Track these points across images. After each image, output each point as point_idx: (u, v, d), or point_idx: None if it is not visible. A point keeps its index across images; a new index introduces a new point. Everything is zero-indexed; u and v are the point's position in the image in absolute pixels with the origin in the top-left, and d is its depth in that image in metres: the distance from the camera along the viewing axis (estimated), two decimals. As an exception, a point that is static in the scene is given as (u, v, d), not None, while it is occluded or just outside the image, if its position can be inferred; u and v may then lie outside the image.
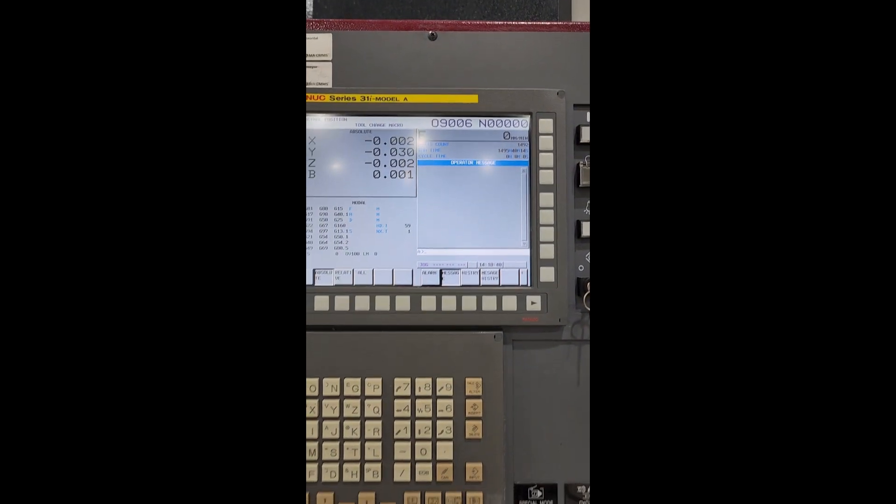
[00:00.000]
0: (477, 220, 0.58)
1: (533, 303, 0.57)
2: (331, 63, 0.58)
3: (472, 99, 0.58)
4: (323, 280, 0.58)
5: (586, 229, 0.58)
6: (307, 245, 0.57)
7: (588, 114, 0.59)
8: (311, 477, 0.56)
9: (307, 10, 0.70)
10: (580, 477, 0.59)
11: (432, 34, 0.59)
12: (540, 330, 0.58)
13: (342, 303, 0.56)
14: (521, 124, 0.58)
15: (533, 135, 0.58)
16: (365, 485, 0.56)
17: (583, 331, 0.59)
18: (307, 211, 0.58)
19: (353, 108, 0.58)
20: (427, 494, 0.56)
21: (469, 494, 0.56)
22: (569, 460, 0.59)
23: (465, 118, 0.58)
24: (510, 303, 0.57)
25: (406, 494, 0.56)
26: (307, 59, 0.58)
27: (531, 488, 0.59)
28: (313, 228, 0.58)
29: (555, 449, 0.59)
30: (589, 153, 0.59)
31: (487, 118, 0.58)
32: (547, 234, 0.57)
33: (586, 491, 0.59)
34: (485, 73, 0.59)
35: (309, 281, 0.57)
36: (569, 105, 0.58)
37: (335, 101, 0.58)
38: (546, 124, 0.57)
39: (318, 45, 0.58)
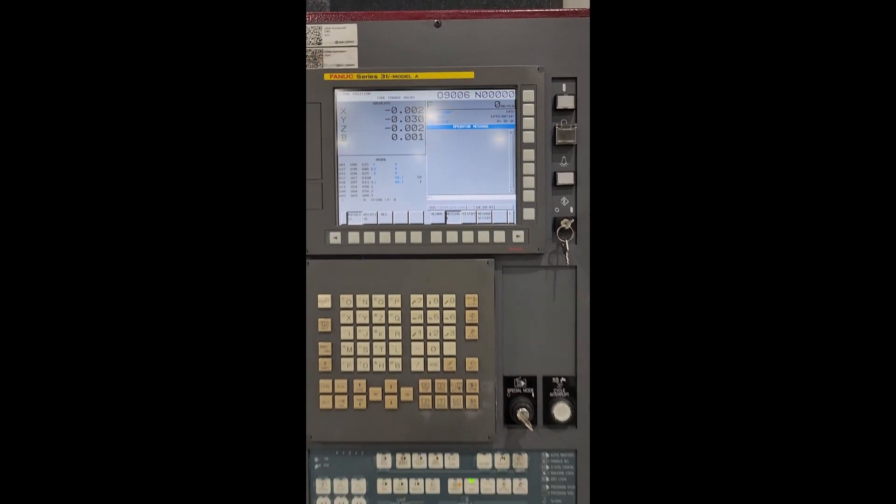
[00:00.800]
0: (474, 172, 0.71)
1: (517, 236, 0.70)
2: (356, 48, 0.70)
3: (469, 75, 0.69)
4: (354, 220, 0.72)
5: (561, 179, 0.70)
6: (341, 193, 0.71)
7: (563, 84, 0.70)
8: (347, 367, 0.72)
9: (325, 3, 0.82)
10: (555, 371, 0.73)
11: (437, 22, 0.70)
12: (523, 258, 0.71)
13: (369, 237, 0.71)
14: (509, 95, 0.70)
15: (518, 103, 0.69)
16: (389, 374, 0.72)
17: (557, 259, 0.72)
18: (340, 167, 0.71)
19: (375, 84, 0.70)
20: (436, 381, 0.72)
21: (468, 381, 0.72)
22: (546, 358, 0.73)
23: (463, 91, 0.70)
24: (500, 236, 0.70)
25: (420, 380, 0.72)
26: (337, 45, 0.71)
27: (516, 379, 0.73)
28: (346, 180, 0.71)
29: (535, 349, 0.72)
30: (564, 117, 0.70)
31: (482, 90, 0.70)
32: (529, 182, 0.70)
33: (559, 381, 0.73)
34: (480, 53, 0.70)
35: (342, 221, 0.71)
36: (547, 78, 0.69)
37: (360, 79, 0.70)
38: (528, 95, 0.69)
39: (346, 33, 0.70)
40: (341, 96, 0.71)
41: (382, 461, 0.74)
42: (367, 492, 0.74)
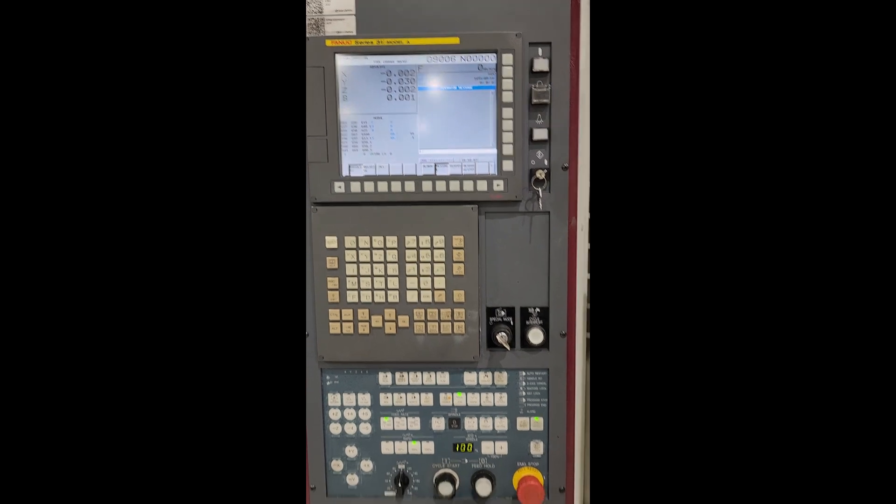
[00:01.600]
0: (460, 129, 0.78)
1: (498, 185, 0.78)
2: (354, 17, 0.76)
3: (455, 41, 0.75)
4: (355, 172, 0.79)
5: (536, 134, 0.77)
6: (343, 148, 0.79)
7: (539, 49, 0.76)
8: (353, 299, 0.81)
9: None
10: (530, 302, 0.82)
11: (427, -8, 0.75)
12: (503, 204, 0.79)
13: (369, 187, 0.78)
14: (490, 59, 0.76)
15: (498, 66, 0.75)
16: (388, 304, 0.81)
17: (533, 205, 0.79)
18: (342, 125, 0.78)
19: (371, 49, 0.76)
20: (428, 310, 0.81)
21: (455, 310, 0.81)
22: (523, 291, 0.81)
23: (450, 55, 0.76)
24: (482, 185, 0.78)
25: (414, 310, 0.81)
26: (337, 13, 0.76)
27: (497, 309, 0.82)
28: (347, 136, 0.79)
29: (513, 284, 0.81)
30: (539, 79, 0.76)
31: (466, 55, 0.76)
32: (508, 137, 0.77)
33: (535, 311, 0.82)
34: (466, 20, 0.76)
35: (345, 173, 0.79)
36: (525, 43, 0.75)
37: (358, 44, 0.76)
38: (507, 58, 0.75)
39: (345, 2, 0.76)
40: (342, 61, 0.77)
41: (384, 378, 0.84)
42: (371, 404, 0.85)
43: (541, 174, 0.77)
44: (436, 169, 0.78)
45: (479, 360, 0.82)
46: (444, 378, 0.84)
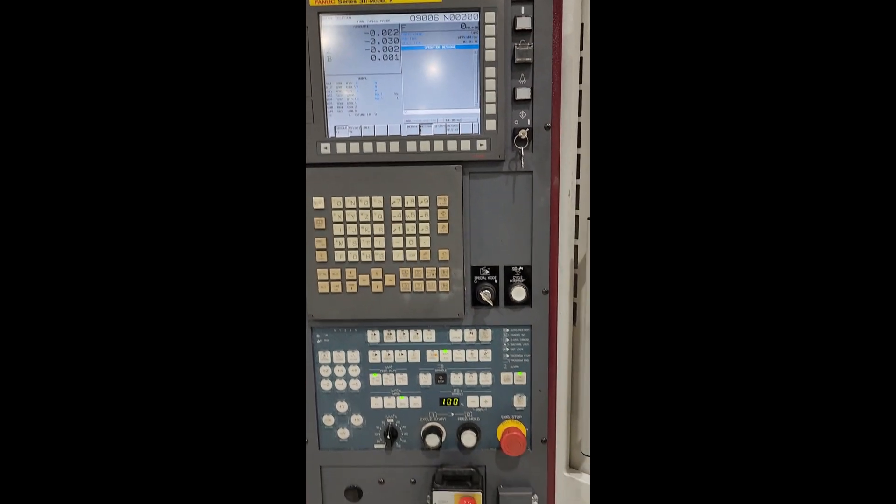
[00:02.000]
0: (443, 89, 0.78)
1: (481, 145, 0.78)
2: (337, -25, 0.75)
3: (438, 0, 0.74)
4: (341, 133, 0.79)
5: (519, 94, 0.77)
6: (329, 109, 0.78)
7: (522, 7, 0.75)
8: (340, 258, 0.82)
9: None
10: (514, 261, 0.83)
11: (408, -51, 0.74)
12: (486, 164, 0.79)
13: (354, 147, 0.78)
14: (473, 18, 0.75)
15: (481, 24, 0.75)
16: (375, 263, 0.82)
17: (516, 165, 0.80)
18: (327, 86, 0.78)
19: (355, 8, 0.75)
20: (414, 269, 0.82)
21: (441, 269, 0.82)
22: (506, 251, 0.82)
23: (433, 14, 0.75)
24: (466, 145, 0.78)
25: (400, 269, 0.82)
26: (320, -29, 0.75)
27: (481, 268, 0.83)
28: (332, 97, 0.78)
29: (497, 243, 0.82)
30: (522, 38, 0.76)
31: (449, 13, 0.75)
32: (491, 97, 0.77)
33: (518, 270, 0.84)
34: None
35: (331, 134, 0.79)
36: (507, 2, 0.74)
37: (342, 3, 0.75)
38: (490, 16, 0.74)
39: (328, -40, 0.75)
40: (326, 21, 0.76)
41: (372, 336, 0.86)
42: (361, 361, 0.86)
43: (523, 134, 0.77)
44: (420, 129, 0.78)
45: (464, 317, 0.83)
46: (430, 335, 0.85)
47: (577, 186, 0.99)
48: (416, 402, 0.87)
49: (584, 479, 1.05)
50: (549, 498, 0.89)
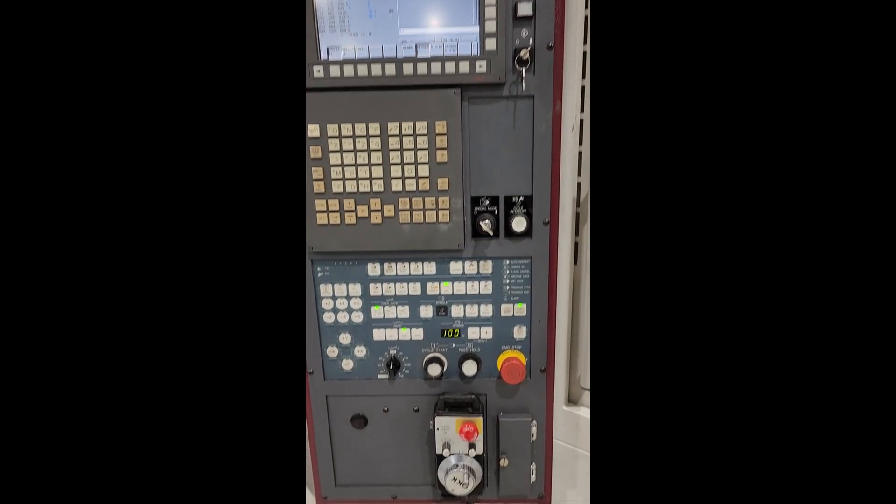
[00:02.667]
0: (441, 5, 0.72)
1: (480, 66, 0.73)
2: None
3: None
4: (334, 55, 0.74)
5: (521, 10, 0.71)
6: (321, 28, 0.73)
7: (524, -89, 0.68)
8: (338, 189, 0.79)
9: None
10: (514, 191, 0.79)
11: None
12: (486, 88, 0.74)
13: (349, 70, 0.74)
14: (471, -77, 0.68)
15: (480, -68, 0.68)
16: (373, 193, 0.79)
17: (517, 89, 0.75)
18: (318, 4, 0.72)
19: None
20: (413, 199, 0.79)
21: (440, 199, 0.79)
22: (507, 180, 0.79)
23: (429, -80, 0.69)
24: (465, 66, 0.73)
25: (399, 199, 0.79)
26: None
27: (482, 198, 0.80)
28: (324, 16, 0.73)
29: (497, 173, 0.78)
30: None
31: (446, -81, 0.68)
32: (490, 13, 0.71)
33: (518, 200, 0.80)
34: None
35: (323, 56, 0.74)
36: None
37: None
38: (490, -78, 0.67)
39: None
40: (314, -69, 0.69)
41: (373, 269, 0.84)
42: (362, 294, 0.85)
43: (525, 54, 0.71)
44: (416, 50, 0.73)
45: (465, 249, 0.81)
46: (430, 268, 0.83)
47: (581, 121, 0.94)
48: (417, 333, 0.86)
49: (583, 412, 1.05)
50: (547, 425, 0.90)
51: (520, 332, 0.86)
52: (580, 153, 0.95)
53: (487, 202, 0.80)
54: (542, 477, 0.92)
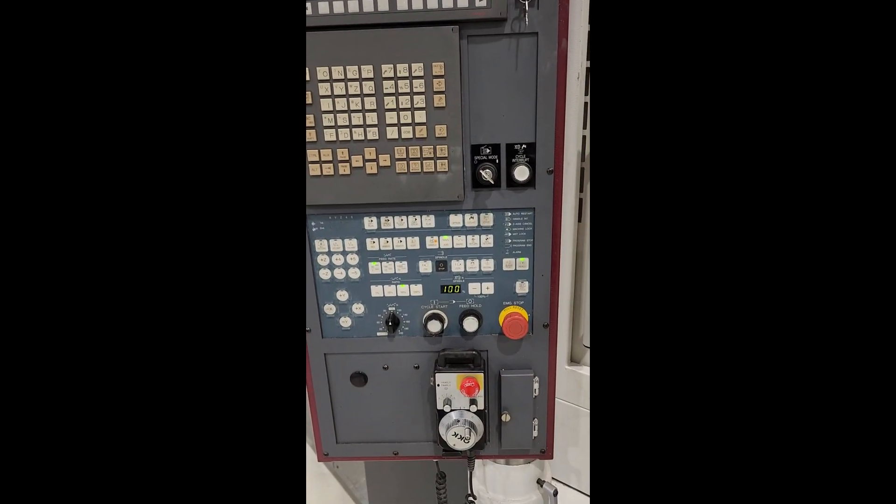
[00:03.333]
0: (437, -68, 0.65)
1: (481, 0, 0.67)
2: None
3: None
4: (323, -10, 0.68)
5: (524, -64, 0.65)
6: (307, -40, 0.67)
7: None
8: (331, 137, 0.74)
9: None
10: (517, 138, 0.74)
11: None
12: (486, 24, 0.68)
13: (338, 7, 0.68)
14: None
15: None
16: (368, 142, 0.74)
17: (520, 25, 0.69)
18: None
19: None
20: (409, 147, 0.74)
21: (438, 147, 0.74)
22: (509, 127, 0.74)
23: None
24: (463, 1, 0.67)
25: (395, 147, 0.74)
26: None
27: (482, 147, 0.76)
28: (311, -54, 0.66)
29: (498, 118, 0.73)
30: None
31: None
32: (491, -61, 0.64)
33: (521, 148, 0.75)
34: None
35: (313, -9, 0.68)
36: None
37: None
38: None
39: None
40: None
41: (369, 223, 0.80)
42: (359, 250, 0.81)
43: (528, -14, 0.65)
44: (411, -17, 0.67)
45: (465, 200, 0.77)
46: (429, 221, 0.79)
47: (588, 70, 0.88)
48: (416, 290, 0.82)
49: (586, 371, 1.03)
50: (550, 381, 0.88)
51: (522, 288, 0.82)
52: (586, 104, 0.90)
53: (488, 150, 0.75)
54: (543, 432, 0.90)
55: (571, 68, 0.81)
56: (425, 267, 0.81)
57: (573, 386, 1.04)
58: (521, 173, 0.74)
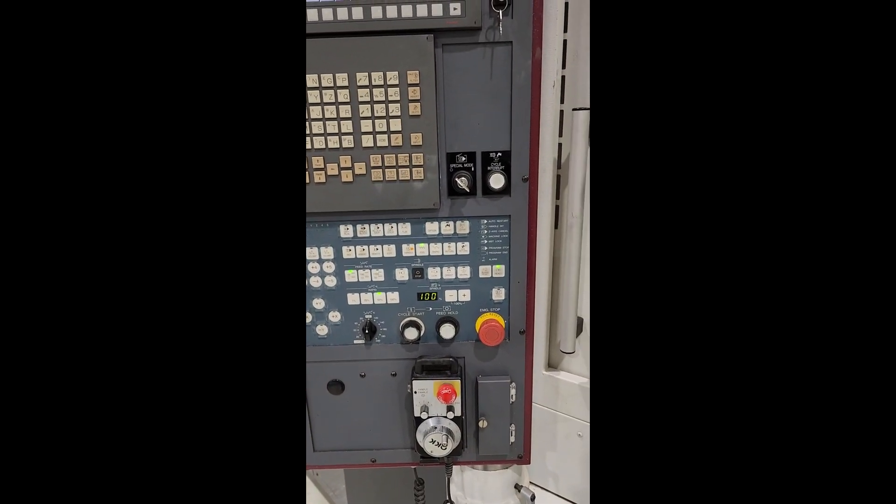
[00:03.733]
0: (410, -59, 0.65)
1: (455, 9, 0.67)
2: None
3: None
4: (297, -2, 0.67)
5: (497, -53, 0.65)
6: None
7: None
8: (306, 146, 0.73)
9: None
10: (492, 147, 0.75)
11: None
12: (461, 33, 0.68)
13: (312, 14, 0.67)
14: None
15: None
16: (343, 150, 0.73)
17: (494, 34, 0.69)
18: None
19: None
20: (385, 155, 0.74)
21: (413, 155, 0.74)
22: (483, 135, 0.74)
23: None
24: (437, 9, 0.67)
25: (371, 156, 0.74)
26: None
27: (458, 155, 0.75)
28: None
29: (473, 127, 0.73)
30: None
31: None
32: (464, -50, 0.64)
33: (496, 156, 0.75)
34: None
35: None
36: None
37: None
38: None
39: None
40: None
41: (345, 231, 0.79)
42: (335, 258, 0.80)
43: (502, -5, 0.65)
44: (385, -9, 0.66)
45: (441, 208, 0.76)
46: (405, 229, 0.78)
47: (563, 77, 0.89)
48: (393, 297, 0.82)
49: (563, 376, 1.04)
50: (526, 387, 0.88)
51: (498, 294, 0.82)
52: (561, 112, 0.91)
53: (464, 158, 0.75)
54: (521, 437, 0.90)
55: (547, 77, 0.81)
56: (402, 274, 0.81)
57: (550, 391, 1.05)
58: (497, 181, 0.74)
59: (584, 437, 1.04)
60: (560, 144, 0.92)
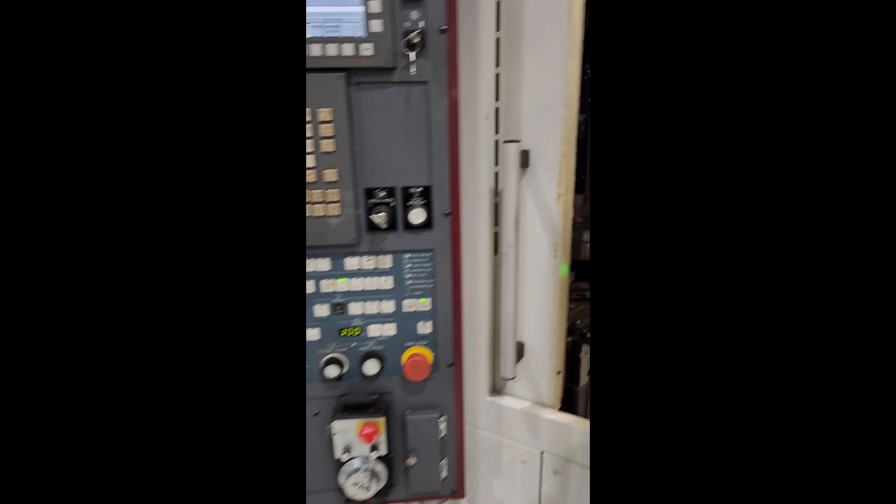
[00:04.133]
0: (320, -19, 0.65)
1: (366, 49, 0.66)
2: None
3: None
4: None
5: (408, -11, 0.65)
6: None
7: None
8: (217, 181, 0.71)
9: None
10: (412, 181, 0.74)
11: None
12: (375, 73, 0.68)
13: (219, 50, 0.65)
14: None
15: None
16: (257, 186, 0.71)
17: (409, 74, 0.69)
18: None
19: None
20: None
21: (329, 191, 0.72)
22: (403, 170, 0.73)
23: None
24: (348, 49, 0.66)
25: (286, 191, 0.72)
26: None
27: (376, 190, 0.75)
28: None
29: (392, 162, 0.73)
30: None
31: None
32: (374, -9, 0.65)
33: (416, 191, 0.75)
34: None
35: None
36: None
37: None
38: None
39: None
40: None
41: (264, 267, 0.76)
42: (254, 294, 0.77)
43: (414, 37, 0.66)
44: (295, 29, 0.65)
45: (360, 243, 0.75)
46: (324, 264, 0.77)
47: (497, 109, 0.90)
48: (313, 334, 0.79)
49: (506, 401, 1.03)
50: (457, 420, 0.87)
51: (425, 328, 0.81)
52: (497, 142, 0.92)
53: (383, 194, 0.74)
54: (454, 471, 0.89)
55: (480, 109, 0.82)
56: (321, 310, 0.79)
57: (494, 417, 1.04)
58: (417, 216, 0.74)
59: (529, 463, 1.03)
60: (496, 174, 0.93)
